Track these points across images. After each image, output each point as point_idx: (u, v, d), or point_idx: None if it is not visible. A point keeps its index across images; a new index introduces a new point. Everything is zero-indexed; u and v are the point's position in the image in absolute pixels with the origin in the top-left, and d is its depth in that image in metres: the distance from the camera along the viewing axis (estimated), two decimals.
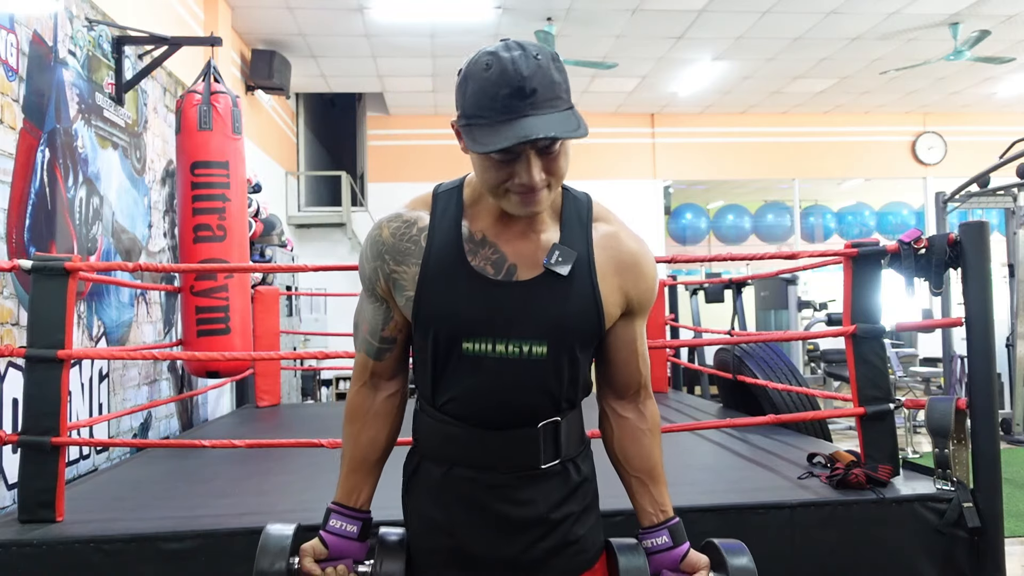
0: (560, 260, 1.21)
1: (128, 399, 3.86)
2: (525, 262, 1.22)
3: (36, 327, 2.35)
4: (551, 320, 1.21)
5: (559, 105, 1.11)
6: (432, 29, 6.62)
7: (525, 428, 1.25)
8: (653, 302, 1.33)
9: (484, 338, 1.21)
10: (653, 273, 1.31)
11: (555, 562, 1.28)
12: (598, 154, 9.68)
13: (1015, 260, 5.28)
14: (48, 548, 2.13)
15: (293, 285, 7.26)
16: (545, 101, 1.09)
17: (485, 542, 1.27)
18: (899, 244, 2.56)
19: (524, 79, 1.08)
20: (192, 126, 3.70)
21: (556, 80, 1.11)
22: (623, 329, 1.31)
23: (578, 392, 1.29)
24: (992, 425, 2.39)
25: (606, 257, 1.25)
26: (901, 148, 10.08)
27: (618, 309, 1.28)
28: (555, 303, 1.21)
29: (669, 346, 5.29)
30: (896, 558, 2.32)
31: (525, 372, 1.22)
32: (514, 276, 1.22)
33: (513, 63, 1.09)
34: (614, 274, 1.26)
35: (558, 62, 1.14)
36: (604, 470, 1.40)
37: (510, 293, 1.21)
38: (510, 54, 1.10)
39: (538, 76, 1.09)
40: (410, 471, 1.34)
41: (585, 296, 1.23)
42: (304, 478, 2.86)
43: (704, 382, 5.97)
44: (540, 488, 1.27)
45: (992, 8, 6.37)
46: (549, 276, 1.21)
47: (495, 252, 1.23)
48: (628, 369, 1.33)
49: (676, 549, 1.30)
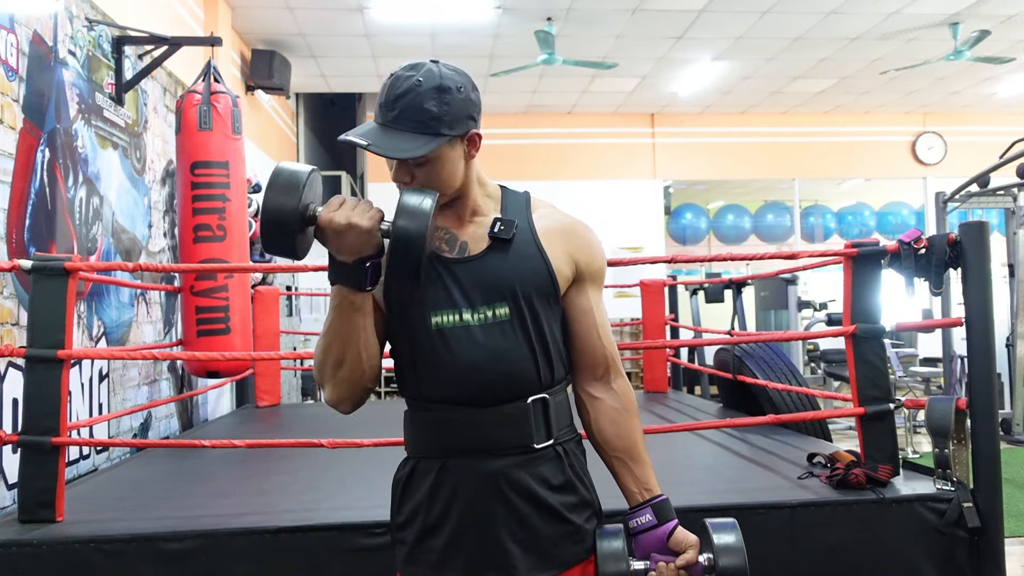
0: (502, 228, 1.33)
1: (128, 399, 3.86)
2: (473, 239, 1.35)
3: (36, 327, 2.35)
4: (506, 281, 1.31)
5: (420, 129, 1.25)
6: (432, 29, 6.62)
7: (515, 403, 1.30)
8: (602, 272, 1.43)
9: (449, 310, 1.30)
10: (595, 242, 1.42)
11: (554, 552, 1.30)
12: (598, 154, 9.69)
13: (1015, 260, 5.28)
14: (48, 548, 2.13)
15: (293, 285, 7.27)
16: (406, 120, 1.25)
17: (482, 533, 1.28)
18: (899, 244, 2.56)
19: (390, 94, 1.27)
20: (192, 126, 3.70)
21: (427, 109, 1.25)
22: (577, 296, 1.38)
23: (552, 360, 1.34)
24: (992, 425, 2.39)
25: (545, 226, 1.37)
26: (901, 148, 10.07)
27: (568, 269, 1.36)
28: (506, 265, 1.32)
29: (669, 346, 5.29)
30: (896, 558, 2.32)
31: (495, 336, 1.29)
32: (466, 252, 1.33)
33: (393, 80, 1.27)
34: (557, 238, 1.37)
35: (453, 101, 1.27)
36: (603, 470, 1.40)
37: (466, 266, 1.32)
38: (405, 73, 1.27)
39: (402, 97, 1.25)
40: (404, 477, 1.36)
41: (532, 255, 1.34)
42: (304, 478, 2.86)
43: (704, 382, 5.97)
44: (537, 474, 1.30)
45: (992, 8, 6.37)
46: (496, 243, 1.33)
47: (447, 233, 1.35)
48: (590, 341, 1.38)
49: (661, 527, 1.31)
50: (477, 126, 1.33)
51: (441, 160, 1.29)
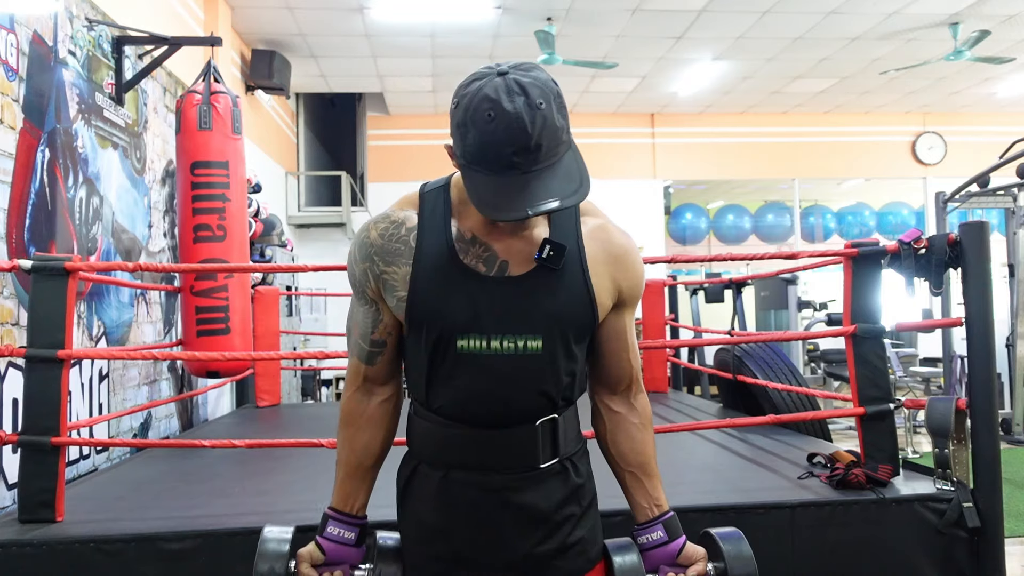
0: (552, 253, 1.20)
1: (128, 399, 3.86)
2: (516, 258, 1.22)
3: (36, 327, 2.35)
4: (545, 314, 1.21)
5: (560, 151, 1.11)
6: (432, 29, 6.62)
7: (523, 426, 1.24)
8: (640, 294, 1.34)
9: (478, 335, 1.20)
10: (641, 265, 1.33)
11: (556, 564, 1.27)
12: (598, 154, 9.67)
13: (1015, 260, 5.27)
14: (48, 548, 2.13)
15: (293, 285, 7.26)
16: (548, 153, 1.09)
17: (486, 546, 1.26)
18: (899, 244, 2.56)
19: (529, 137, 1.07)
20: (192, 126, 3.70)
21: (559, 126, 1.10)
22: (614, 320, 1.31)
23: (574, 389, 1.29)
24: (992, 425, 2.39)
25: (595, 249, 1.26)
26: (901, 148, 10.07)
27: (610, 300, 1.28)
28: (548, 297, 1.21)
29: (669, 346, 5.29)
30: (896, 558, 2.32)
31: (521, 368, 1.21)
32: (506, 272, 1.22)
33: (518, 119, 1.06)
34: (604, 265, 1.26)
35: (559, 99, 1.12)
36: (603, 471, 1.40)
37: (503, 289, 1.21)
38: (513, 105, 1.07)
39: (543, 130, 1.08)
40: (406, 477, 1.33)
41: (578, 288, 1.23)
42: (304, 478, 2.86)
43: (704, 382, 5.97)
44: (540, 489, 1.26)
45: (992, 8, 6.37)
46: (541, 270, 1.21)
47: (486, 250, 1.22)
48: (619, 361, 1.33)
49: (672, 543, 1.30)
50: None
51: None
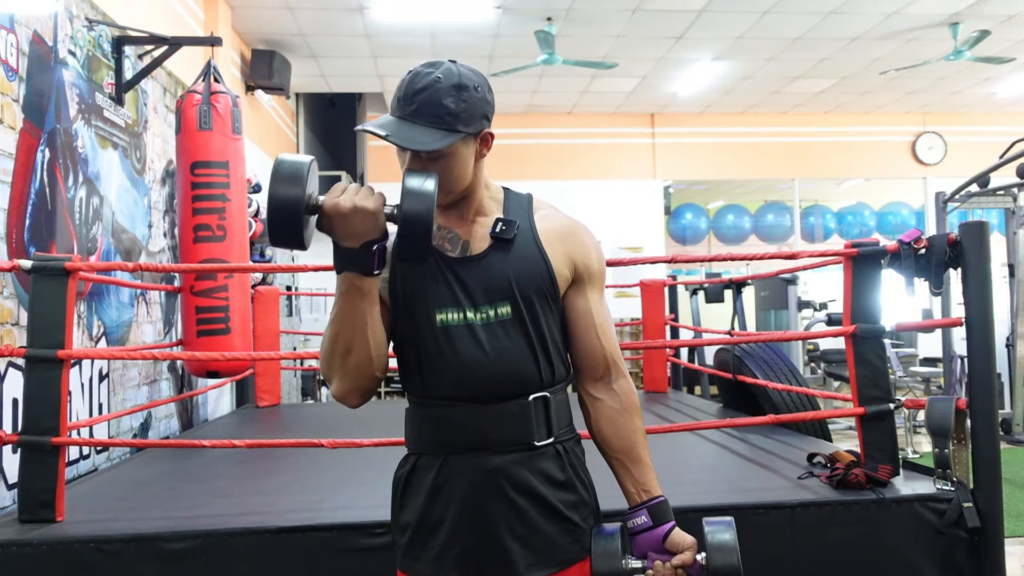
0: (504, 228, 1.36)
1: (128, 399, 3.86)
2: (476, 239, 1.37)
3: (36, 327, 2.35)
4: (507, 280, 1.33)
5: (437, 124, 1.27)
6: (432, 29, 6.62)
7: (516, 400, 1.32)
8: (601, 273, 1.44)
9: (453, 308, 1.33)
10: (592, 242, 1.44)
11: (553, 549, 1.31)
12: (598, 154, 9.68)
13: (1015, 260, 5.28)
14: (48, 548, 2.13)
15: (293, 285, 7.27)
16: (424, 115, 1.27)
17: (483, 531, 1.29)
18: (899, 244, 2.56)
19: (413, 92, 1.28)
20: (192, 126, 3.70)
21: (446, 105, 1.27)
22: (576, 297, 1.40)
23: (552, 359, 1.35)
24: (992, 425, 2.39)
25: (546, 226, 1.40)
26: (901, 148, 10.07)
27: (567, 270, 1.38)
28: (509, 265, 1.34)
29: (669, 346, 5.29)
30: (896, 558, 2.32)
31: (497, 335, 1.32)
32: (468, 251, 1.36)
33: (414, 77, 1.29)
34: (557, 240, 1.39)
35: (467, 94, 1.29)
36: (603, 470, 1.40)
37: (468, 265, 1.34)
38: (425, 70, 1.29)
39: (422, 93, 1.27)
40: (404, 475, 1.37)
41: (532, 255, 1.36)
42: (304, 478, 2.86)
43: (704, 382, 5.97)
44: (536, 471, 1.31)
45: (992, 8, 6.36)
46: (498, 243, 1.35)
47: (450, 232, 1.37)
48: (589, 340, 1.39)
49: (657, 529, 1.32)
50: (490, 126, 1.35)
51: (455, 156, 1.31)
